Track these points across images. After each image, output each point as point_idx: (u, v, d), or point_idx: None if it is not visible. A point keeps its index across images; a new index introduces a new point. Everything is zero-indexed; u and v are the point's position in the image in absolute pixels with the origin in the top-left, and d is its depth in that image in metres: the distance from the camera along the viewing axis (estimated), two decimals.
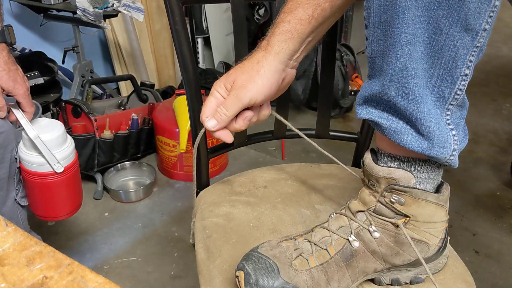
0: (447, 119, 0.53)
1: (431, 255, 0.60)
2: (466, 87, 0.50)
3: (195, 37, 2.42)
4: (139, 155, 1.90)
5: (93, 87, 2.12)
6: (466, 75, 0.49)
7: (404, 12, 0.47)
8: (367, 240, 0.58)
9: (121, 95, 2.23)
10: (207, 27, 2.42)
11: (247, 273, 0.55)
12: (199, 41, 2.46)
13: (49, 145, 0.92)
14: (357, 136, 0.91)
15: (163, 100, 2.00)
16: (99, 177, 1.74)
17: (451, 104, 0.51)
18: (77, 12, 1.66)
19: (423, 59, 0.49)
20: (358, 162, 0.93)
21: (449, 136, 0.53)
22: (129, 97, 2.00)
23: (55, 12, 1.78)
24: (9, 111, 0.94)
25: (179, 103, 1.77)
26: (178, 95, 1.87)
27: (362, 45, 2.84)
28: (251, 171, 0.88)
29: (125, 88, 2.28)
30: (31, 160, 0.93)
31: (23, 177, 0.98)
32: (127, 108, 1.96)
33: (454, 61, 0.48)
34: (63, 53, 1.95)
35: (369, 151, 0.60)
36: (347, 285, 0.58)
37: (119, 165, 1.82)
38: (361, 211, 0.59)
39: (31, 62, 1.81)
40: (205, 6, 2.36)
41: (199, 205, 0.80)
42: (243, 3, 0.75)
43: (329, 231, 0.60)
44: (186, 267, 1.42)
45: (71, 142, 0.99)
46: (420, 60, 0.49)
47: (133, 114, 1.81)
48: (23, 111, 0.96)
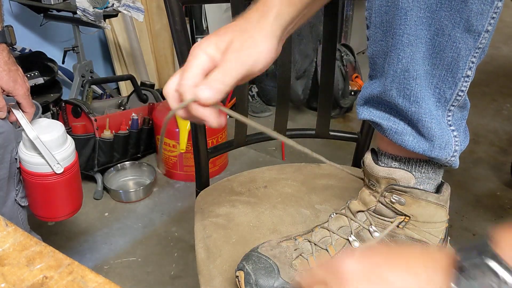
0: (449, 120, 0.53)
1: None
2: (468, 88, 0.50)
3: (195, 37, 2.42)
4: (139, 155, 1.90)
5: (93, 87, 2.11)
6: (468, 76, 0.49)
7: (406, 13, 0.46)
8: (367, 240, 0.58)
9: (121, 95, 2.23)
10: (207, 27, 2.42)
11: (247, 273, 0.55)
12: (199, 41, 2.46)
13: (49, 145, 0.92)
14: (357, 136, 0.91)
15: (163, 100, 2.00)
16: (99, 177, 1.74)
17: (452, 105, 0.51)
18: (77, 12, 1.66)
19: (425, 60, 0.49)
20: (358, 162, 0.93)
21: (450, 137, 0.53)
22: (129, 97, 2.00)
23: (55, 12, 1.78)
24: (9, 112, 0.94)
25: None
26: None
27: (362, 45, 2.84)
28: (251, 171, 0.88)
29: (125, 88, 2.28)
30: (31, 160, 0.93)
31: (23, 177, 0.98)
32: (127, 108, 1.96)
33: (456, 62, 0.48)
34: (63, 53, 1.95)
35: (369, 151, 0.60)
36: None
37: (119, 165, 1.82)
38: (361, 211, 0.59)
39: (31, 62, 1.81)
40: (205, 6, 2.35)
41: (199, 205, 0.80)
42: (243, 3, 0.75)
43: (329, 231, 0.60)
44: (186, 267, 1.42)
45: (71, 143, 0.98)
46: (422, 61, 0.49)
47: (133, 114, 1.81)
48: (23, 111, 0.96)
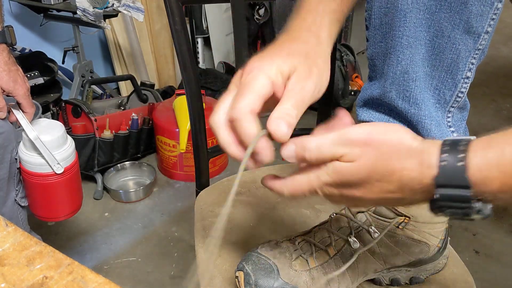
0: (448, 121, 0.53)
1: (431, 255, 0.60)
2: (467, 90, 0.50)
3: (195, 37, 2.42)
4: (139, 155, 1.90)
5: (93, 87, 2.12)
6: (467, 77, 0.49)
7: (405, 15, 0.46)
8: (367, 241, 0.58)
9: (121, 95, 2.23)
10: (207, 27, 2.42)
11: (247, 273, 0.55)
12: (199, 41, 2.46)
13: (49, 146, 0.92)
14: None
15: (163, 100, 2.00)
16: (99, 177, 1.74)
17: (452, 106, 0.51)
18: (77, 12, 1.66)
19: (425, 62, 0.49)
20: None
21: None
22: (129, 97, 2.00)
23: (55, 12, 1.79)
24: (9, 112, 0.94)
25: (179, 103, 1.77)
26: (178, 95, 1.87)
27: (362, 45, 2.84)
28: (251, 171, 0.88)
29: (125, 88, 2.28)
30: (31, 160, 0.93)
31: (23, 177, 0.98)
32: (127, 108, 1.96)
33: (455, 64, 0.48)
34: (63, 53, 1.95)
35: None
36: (347, 286, 0.58)
37: (119, 165, 1.82)
38: (361, 211, 0.59)
39: (31, 62, 1.81)
40: (205, 6, 2.36)
41: (199, 205, 0.80)
42: (243, 3, 0.75)
43: (328, 231, 0.60)
44: (186, 267, 1.42)
45: (71, 143, 0.99)
46: (421, 63, 0.48)
47: (133, 114, 1.81)
48: (23, 111, 0.96)
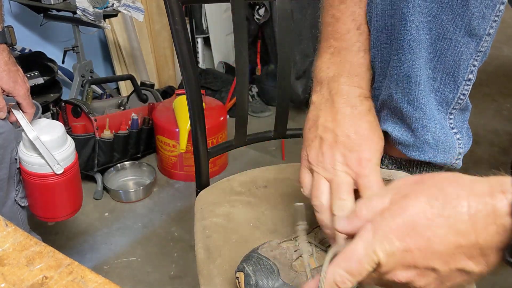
0: (450, 123, 0.52)
1: None
2: (469, 91, 0.50)
3: (195, 37, 2.42)
4: (139, 155, 1.90)
5: (93, 87, 2.11)
6: (469, 79, 0.48)
7: (406, 18, 0.46)
8: None
9: (121, 95, 2.23)
10: (207, 27, 2.42)
11: (247, 274, 0.55)
12: (199, 41, 2.46)
13: (49, 146, 0.92)
14: None
15: (163, 100, 2.00)
16: (99, 177, 1.74)
17: (454, 108, 0.51)
18: (77, 12, 1.66)
19: (426, 64, 0.48)
20: None
21: (454, 140, 0.53)
22: (129, 97, 2.00)
23: (55, 12, 1.78)
24: (9, 112, 0.94)
25: (179, 103, 1.77)
26: (178, 95, 1.87)
27: None
28: (251, 171, 0.88)
29: (125, 88, 2.28)
30: (31, 161, 0.93)
31: (23, 178, 0.98)
32: (127, 108, 1.96)
33: (457, 66, 0.47)
34: (63, 53, 1.95)
35: None
36: None
37: (119, 165, 1.82)
38: None
39: (31, 62, 1.81)
40: (205, 6, 2.35)
41: (199, 205, 0.80)
42: (243, 3, 0.75)
43: None
44: (186, 267, 1.42)
45: (71, 143, 0.98)
46: (424, 65, 0.48)
47: (133, 114, 1.81)
48: (23, 111, 0.96)
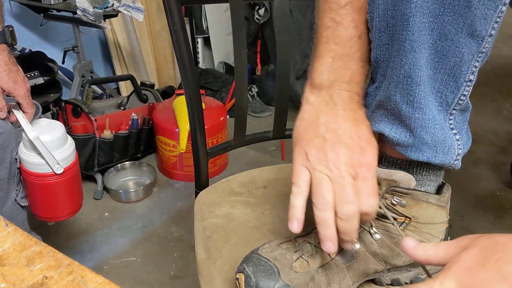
0: (450, 124, 0.52)
1: None
2: (470, 92, 0.50)
3: (195, 37, 2.42)
4: (139, 155, 1.90)
5: (93, 87, 2.12)
6: (470, 80, 0.48)
7: (408, 19, 0.46)
8: (368, 242, 0.58)
9: (121, 95, 2.24)
10: (207, 27, 2.42)
11: (248, 275, 0.55)
12: (199, 41, 2.46)
13: (49, 146, 0.92)
14: None
15: (163, 100, 2.00)
16: (99, 177, 1.74)
17: (454, 109, 0.51)
18: (77, 12, 1.66)
19: (428, 65, 0.48)
20: None
21: (453, 141, 0.53)
22: (129, 97, 2.00)
23: (55, 12, 1.79)
24: (9, 112, 0.94)
25: (179, 103, 1.77)
26: (178, 95, 1.87)
27: None
28: (251, 171, 0.88)
29: (125, 88, 2.28)
30: (31, 161, 0.93)
31: (23, 177, 0.98)
32: (127, 108, 1.96)
33: (458, 67, 0.47)
34: (63, 53, 1.95)
35: None
36: (348, 286, 0.58)
37: (119, 165, 1.82)
38: None
39: (31, 62, 1.81)
40: (205, 6, 2.36)
41: (199, 206, 0.80)
42: (243, 3, 0.75)
43: None
44: (186, 267, 1.42)
45: (71, 143, 0.99)
46: (425, 66, 0.48)
47: (133, 114, 1.81)
48: (23, 111, 0.96)
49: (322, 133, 0.51)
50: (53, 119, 1.49)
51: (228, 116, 2.03)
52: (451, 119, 0.52)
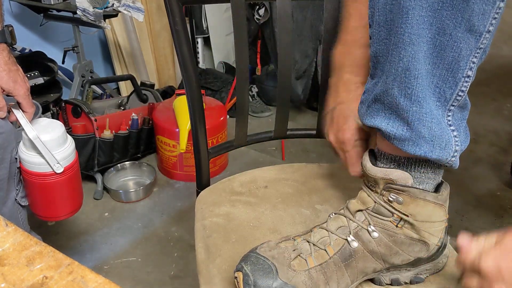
0: (449, 120, 0.53)
1: (431, 254, 0.60)
2: (468, 89, 0.50)
3: (195, 37, 2.42)
4: (139, 155, 1.90)
5: (93, 87, 2.12)
6: (468, 76, 0.49)
7: (407, 12, 0.46)
8: (366, 240, 0.58)
9: (121, 95, 2.23)
10: (207, 27, 2.42)
11: (246, 274, 0.55)
12: (199, 41, 2.46)
13: (49, 145, 0.92)
14: None
15: (163, 100, 2.00)
16: (99, 177, 1.74)
17: (452, 105, 0.51)
18: (77, 12, 1.66)
19: (426, 59, 0.48)
20: None
21: (450, 137, 0.53)
22: (129, 97, 2.00)
23: (55, 12, 1.79)
24: (9, 111, 0.95)
25: (179, 103, 1.77)
26: (178, 95, 1.87)
27: None
28: (251, 171, 0.88)
29: (125, 88, 2.28)
30: (31, 160, 0.93)
31: (23, 177, 0.98)
32: (127, 108, 1.96)
33: (456, 62, 0.48)
34: (63, 53, 1.95)
35: (367, 153, 0.60)
36: (346, 285, 0.58)
37: (119, 165, 1.82)
38: (360, 210, 0.59)
39: (31, 62, 1.81)
40: (205, 6, 2.36)
41: (199, 205, 0.80)
42: (243, 3, 0.75)
43: (327, 231, 0.60)
44: (186, 267, 1.42)
45: (71, 142, 0.99)
46: (423, 60, 0.48)
47: (133, 114, 1.81)
48: (23, 111, 0.96)
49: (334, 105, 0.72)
50: (53, 119, 1.49)
51: (228, 116, 2.03)
52: (449, 116, 0.52)
